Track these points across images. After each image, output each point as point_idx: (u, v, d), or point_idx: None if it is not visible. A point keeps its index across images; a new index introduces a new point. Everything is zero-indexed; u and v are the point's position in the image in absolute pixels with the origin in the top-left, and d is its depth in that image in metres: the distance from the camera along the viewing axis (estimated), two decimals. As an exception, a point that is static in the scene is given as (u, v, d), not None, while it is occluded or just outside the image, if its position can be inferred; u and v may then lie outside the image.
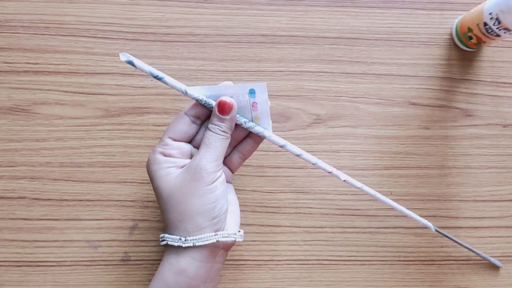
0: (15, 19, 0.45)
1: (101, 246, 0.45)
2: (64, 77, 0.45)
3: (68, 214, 0.45)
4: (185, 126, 0.38)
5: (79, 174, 0.45)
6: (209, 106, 0.38)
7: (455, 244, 0.47)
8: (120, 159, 0.46)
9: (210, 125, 0.37)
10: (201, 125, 0.39)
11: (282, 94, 0.47)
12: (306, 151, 0.47)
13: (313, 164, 0.40)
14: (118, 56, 0.45)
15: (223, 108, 0.37)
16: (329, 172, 0.41)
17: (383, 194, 0.47)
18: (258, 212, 0.46)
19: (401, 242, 0.47)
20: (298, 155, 0.40)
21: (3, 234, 0.45)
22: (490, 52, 0.48)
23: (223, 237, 0.37)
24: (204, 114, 0.39)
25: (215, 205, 0.36)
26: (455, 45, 0.48)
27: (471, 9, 0.46)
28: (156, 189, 0.37)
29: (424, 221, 0.44)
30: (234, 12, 0.46)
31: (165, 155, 0.37)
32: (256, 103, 0.38)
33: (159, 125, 0.46)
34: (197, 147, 0.39)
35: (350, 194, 0.47)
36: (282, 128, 0.47)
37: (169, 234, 0.37)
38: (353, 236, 0.47)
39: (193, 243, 0.36)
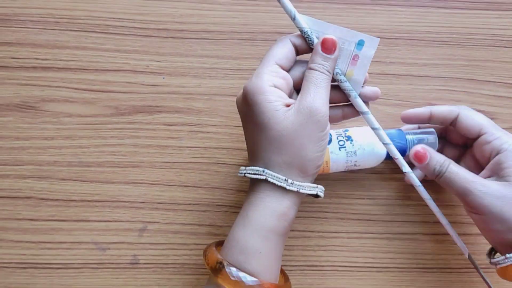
0: (24, 13, 0.44)
1: (109, 249, 0.44)
2: (74, 73, 0.44)
3: (76, 215, 0.44)
4: (290, 54, 0.35)
5: (87, 174, 0.44)
6: (310, 41, 0.35)
7: (476, 251, 0.46)
8: (130, 159, 0.44)
9: (313, 64, 0.34)
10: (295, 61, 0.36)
11: (298, 94, 0.45)
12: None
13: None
14: (131, 53, 0.44)
15: (328, 46, 0.34)
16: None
17: (401, 199, 0.46)
18: (272, 215, 0.45)
19: (419, 249, 0.46)
20: (375, 129, 0.37)
21: (9, 235, 0.43)
22: (514, 53, 0.47)
23: (321, 191, 0.35)
24: (303, 50, 0.36)
25: (323, 154, 0.34)
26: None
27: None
28: (259, 124, 0.34)
29: (461, 244, 0.41)
30: (250, 9, 0.45)
31: (275, 85, 0.34)
32: (358, 57, 0.35)
33: (171, 125, 0.45)
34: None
35: (367, 199, 0.45)
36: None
37: (269, 170, 0.34)
38: (369, 242, 0.45)
39: (297, 188, 0.34)
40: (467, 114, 0.40)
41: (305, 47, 0.36)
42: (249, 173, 0.35)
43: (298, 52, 0.36)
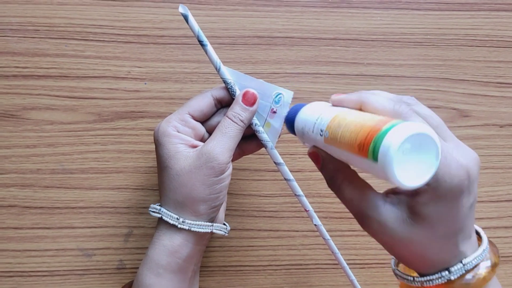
0: (3, 22, 0.44)
1: (95, 255, 0.44)
2: (55, 81, 0.44)
3: (61, 222, 0.44)
4: (208, 107, 0.37)
5: (71, 181, 0.44)
6: (232, 92, 0.37)
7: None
8: (113, 165, 0.45)
9: (230, 113, 0.36)
10: (216, 111, 0.38)
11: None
12: (303, 154, 0.46)
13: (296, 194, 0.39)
14: (112, 59, 0.44)
15: (249, 99, 0.36)
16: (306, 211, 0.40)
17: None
18: (256, 216, 0.46)
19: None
20: (288, 180, 0.39)
21: (-7, 244, 0.43)
22: (486, 53, 0.48)
23: (216, 229, 0.37)
24: (226, 101, 0.38)
25: (218, 196, 0.36)
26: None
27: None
28: (161, 163, 0.36)
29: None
30: (229, 14, 0.46)
31: (178, 130, 0.36)
32: (275, 111, 0.37)
33: (154, 130, 0.45)
34: (209, 131, 0.38)
35: (348, 197, 0.46)
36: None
37: (166, 209, 0.36)
38: (351, 239, 0.46)
39: (189, 227, 0.35)
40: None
41: (228, 98, 0.37)
42: (150, 210, 0.37)
43: (222, 103, 0.38)
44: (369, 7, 0.47)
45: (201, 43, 0.36)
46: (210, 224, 0.36)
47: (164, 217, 0.36)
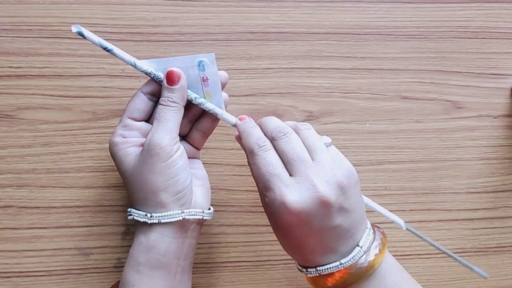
0: (-5, 21, 0.44)
1: (92, 254, 0.44)
2: (49, 80, 0.44)
3: (57, 221, 0.44)
4: (142, 104, 0.37)
5: (67, 180, 0.44)
6: (159, 80, 0.37)
7: (451, 237, 0.47)
8: (109, 163, 0.44)
9: (160, 99, 0.37)
10: (157, 102, 0.38)
11: (274, 91, 0.46)
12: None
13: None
14: (106, 57, 0.44)
15: (171, 78, 0.36)
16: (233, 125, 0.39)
17: (377, 189, 0.47)
18: (253, 212, 0.46)
19: (397, 237, 0.47)
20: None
21: (-10, 245, 0.43)
22: (479, 44, 0.48)
23: (190, 215, 0.36)
24: (158, 91, 0.38)
25: (177, 180, 0.36)
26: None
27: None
28: (119, 171, 0.37)
29: (395, 218, 0.41)
30: (222, 10, 0.46)
31: (125, 136, 0.37)
32: (207, 78, 0.37)
33: (149, 127, 0.45)
34: None
35: (345, 191, 0.46)
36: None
37: (136, 209, 0.37)
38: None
39: (158, 219, 0.35)
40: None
41: (158, 87, 0.37)
42: (128, 215, 0.37)
43: (156, 94, 0.38)
44: (361, 1, 0.47)
45: (106, 49, 0.36)
46: (179, 212, 0.36)
47: (135, 217, 0.36)
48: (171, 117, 0.36)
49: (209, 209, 0.39)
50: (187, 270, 0.38)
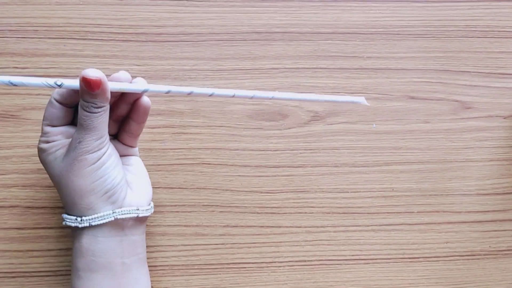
0: (2, 23, 0.44)
1: (97, 254, 0.44)
2: (54, 81, 0.44)
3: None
4: (57, 110, 0.35)
5: (72, 180, 0.44)
6: (70, 87, 0.33)
7: (460, 239, 0.47)
8: (114, 164, 0.44)
9: (81, 103, 0.33)
10: (75, 105, 0.36)
11: (279, 91, 0.46)
12: (305, 149, 0.46)
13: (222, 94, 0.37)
14: (110, 58, 0.44)
15: (91, 86, 0.32)
16: (232, 96, 0.37)
17: (384, 190, 0.46)
18: (258, 213, 0.45)
19: (404, 239, 0.46)
20: (210, 95, 0.37)
21: (-4, 244, 0.43)
22: (487, 43, 0.48)
23: (122, 214, 0.36)
24: (69, 92, 0.35)
25: (105, 179, 0.35)
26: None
27: None
28: (50, 176, 0.36)
29: (352, 98, 0.39)
30: (227, 10, 0.46)
31: (48, 142, 0.36)
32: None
33: (154, 127, 0.45)
34: None
35: (351, 192, 0.46)
36: (280, 126, 0.46)
37: (67, 214, 0.36)
38: (355, 234, 0.46)
39: (89, 223, 0.35)
40: None
41: (68, 90, 0.35)
42: (63, 221, 0.36)
43: (72, 97, 0.35)
44: (367, 0, 0.47)
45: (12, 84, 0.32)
46: (110, 212, 0.35)
47: (67, 222, 0.36)
48: (98, 123, 0.34)
49: (149, 205, 0.39)
50: (136, 266, 0.37)
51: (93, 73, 0.32)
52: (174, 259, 0.44)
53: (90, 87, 0.32)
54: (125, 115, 0.39)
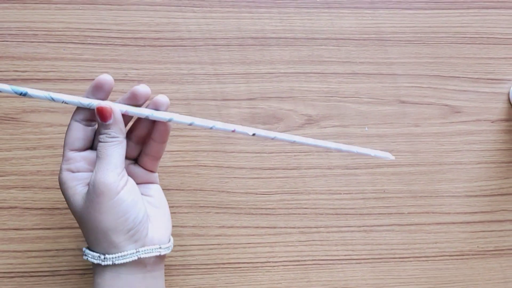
0: (2, 27, 0.45)
1: (95, 254, 0.45)
2: (54, 84, 0.45)
3: (61, 222, 0.45)
4: (79, 132, 0.35)
5: (71, 182, 0.45)
6: (91, 107, 0.35)
7: (449, 240, 0.48)
8: (112, 166, 0.45)
9: (98, 135, 0.35)
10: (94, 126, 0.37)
11: (274, 95, 0.47)
12: (299, 152, 0.47)
13: (228, 130, 0.37)
14: (109, 62, 0.45)
15: (103, 115, 0.34)
16: (232, 131, 0.37)
17: (376, 192, 0.47)
18: (253, 214, 0.46)
19: (395, 240, 0.47)
20: (211, 128, 0.36)
21: (-5, 245, 0.44)
22: (476, 50, 0.49)
23: (145, 253, 0.35)
24: (91, 114, 0.35)
25: (127, 217, 0.34)
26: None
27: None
28: (71, 211, 0.36)
29: (379, 153, 0.39)
30: (224, 15, 0.47)
31: (72, 171, 0.35)
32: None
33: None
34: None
35: (343, 193, 0.47)
36: (274, 129, 0.47)
37: (89, 250, 0.35)
38: (348, 235, 0.47)
39: (112, 261, 0.34)
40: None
41: (91, 112, 0.35)
42: (84, 255, 0.36)
43: (91, 119, 0.36)
44: (360, 7, 0.48)
45: (21, 94, 0.34)
46: (133, 251, 0.34)
47: (89, 258, 0.35)
48: (112, 152, 0.34)
49: (169, 241, 0.38)
50: None
51: (104, 104, 0.34)
52: (171, 259, 0.45)
53: (103, 116, 0.34)
54: (145, 136, 0.38)
